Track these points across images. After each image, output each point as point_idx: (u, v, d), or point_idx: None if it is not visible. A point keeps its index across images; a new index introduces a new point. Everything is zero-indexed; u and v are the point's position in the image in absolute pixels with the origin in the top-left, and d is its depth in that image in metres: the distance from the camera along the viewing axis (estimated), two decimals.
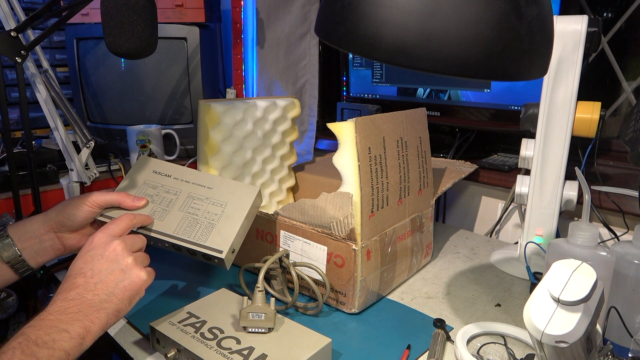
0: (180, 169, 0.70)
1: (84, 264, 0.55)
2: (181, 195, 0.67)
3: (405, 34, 0.38)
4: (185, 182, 0.68)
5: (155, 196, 0.67)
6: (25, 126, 0.92)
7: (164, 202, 0.67)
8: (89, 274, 0.54)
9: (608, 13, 1.09)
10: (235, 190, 0.66)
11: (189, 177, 0.69)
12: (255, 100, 0.93)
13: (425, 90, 1.23)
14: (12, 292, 1.03)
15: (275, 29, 1.34)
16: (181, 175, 0.69)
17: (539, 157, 0.82)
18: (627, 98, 1.10)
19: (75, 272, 0.55)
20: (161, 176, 0.69)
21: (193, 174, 0.69)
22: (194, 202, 0.65)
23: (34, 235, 0.64)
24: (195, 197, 0.66)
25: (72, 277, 0.54)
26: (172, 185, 0.68)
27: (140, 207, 0.66)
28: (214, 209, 0.64)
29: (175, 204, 0.66)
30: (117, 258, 0.56)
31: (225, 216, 0.64)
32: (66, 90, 1.38)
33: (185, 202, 0.66)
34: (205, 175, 0.69)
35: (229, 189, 0.67)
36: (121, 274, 0.55)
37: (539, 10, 0.40)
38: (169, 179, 0.69)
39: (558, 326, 0.42)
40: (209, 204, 0.65)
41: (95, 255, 0.56)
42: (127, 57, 0.70)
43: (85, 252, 0.57)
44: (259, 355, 0.55)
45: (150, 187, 0.68)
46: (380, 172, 0.71)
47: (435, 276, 0.85)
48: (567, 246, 0.60)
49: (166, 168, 0.70)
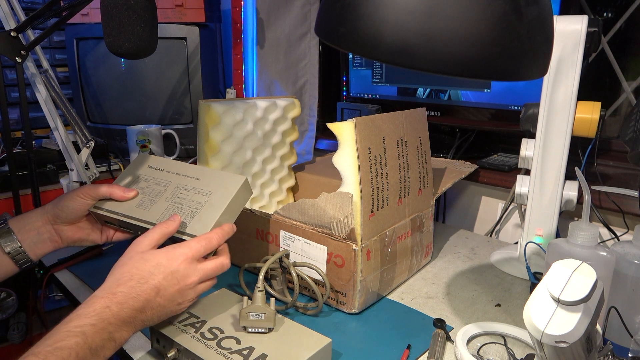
0: (174, 164, 0.70)
1: (163, 280, 0.54)
2: (170, 186, 0.67)
3: (405, 34, 0.38)
4: (175, 175, 0.68)
5: (145, 188, 0.68)
6: (25, 126, 0.92)
7: (152, 194, 0.67)
8: (160, 294, 0.54)
9: (608, 13, 1.09)
10: (222, 180, 0.66)
11: (180, 170, 0.69)
12: (255, 100, 0.93)
13: (425, 90, 1.23)
14: (12, 292, 1.03)
15: (275, 29, 1.34)
16: (173, 169, 0.69)
17: (539, 157, 0.82)
18: (627, 98, 1.10)
19: (153, 285, 0.53)
20: (155, 170, 0.70)
21: (185, 167, 0.69)
22: (180, 192, 0.66)
23: (33, 228, 0.65)
24: (182, 187, 0.66)
25: (144, 284, 0.53)
26: (162, 178, 0.68)
27: (129, 198, 0.66)
28: (199, 198, 0.64)
29: (163, 194, 0.66)
30: (186, 294, 0.56)
31: (208, 204, 0.63)
32: (66, 90, 1.38)
33: (172, 192, 0.66)
34: (197, 167, 0.69)
35: (217, 179, 0.66)
36: (177, 307, 0.57)
37: (539, 11, 0.40)
38: (162, 172, 0.69)
39: (558, 326, 0.42)
40: (194, 194, 0.65)
41: (175, 280, 0.55)
42: (127, 57, 0.70)
43: (168, 267, 0.55)
44: (259, 355, 0.55)
45: (144, 180, 0.69)
46: (380, 172, 0.71)
47: (435, 276, 0.85)
48: (567, 246, 0.60)
49: (161, 163, 0.71)
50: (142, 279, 0.53)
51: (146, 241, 0.57)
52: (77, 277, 0.83)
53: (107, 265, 0.86)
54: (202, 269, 0.58)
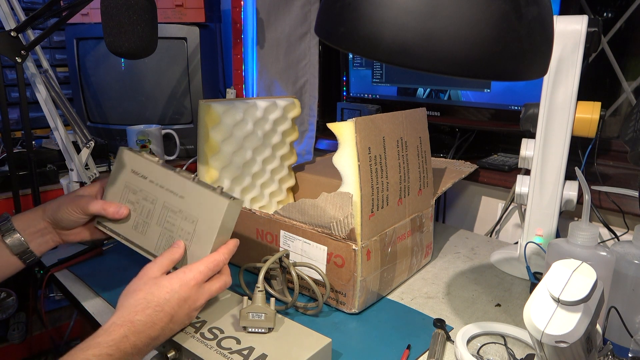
0: (154, 170, 0.67)
1: (177, 307, 0.56)
2: (157, 204, 0.66)
3: (405, 34, 0.38)
4: (159, 188, 0.66)
5: (136, 203, 0.67)
6: (25, 126, 0.92)
7: (143, 213, 0.66)
8: (173, 320, 0.56)
9: (608, 13, 1.09)
10: (206, 202, 0.63)
11: (162, 181, 0.66)
12: (255, 100, 0.93)
13: (425, 90, 1.23)
14: (12, 292, 1.03)
15: (275, 29, 1.34)
16: (156, 178, 0.67)
17: (539, 157, 0.82)
18: (627, 98, 1.10)
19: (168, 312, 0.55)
20: (139, 178, 0.68)
21: (166, 177, 0.66)
22: (169, 215, 0.64)
23: (37, 229, 0.67)
24: (169, 208, 0.65)
25: (160, 312, 0.54)
26: (149, 191, 0.67)
27: (123, 217, 0.67)
28: (187, 226, 0.63)
29: (153, 216, 0.66)
30: (192, 315, 0.58)
31: (197, 237, 0.63)
32: (66, 90, 1.38)
33: (161, 213, 0.65)
34: (177, 179, 0.65)
35: (200, 199, 0.63)
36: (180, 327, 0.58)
37: (539, 11, 0.40)
38: (146, 181, 0.67)
39: (558, 326, 0.42)
40: (182, 220, 0.63)
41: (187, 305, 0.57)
42: (127, 57, 0.70)
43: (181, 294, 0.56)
44: (259, 355, 0.55)
45: (131, 192, 0.68)
46: (380, 172, 0.71)
47: (435, 276, 0.85)
48: (567, 246, 0.60)
49: (142, 167, 0.68)
50: (159, 306, 0.54)
51: (156, 267, 0.58)
52: (77, 277, 0.83)
53: (107, 265, 0.87)
54: (209, 291, 0.60)
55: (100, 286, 0.80)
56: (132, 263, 0.87)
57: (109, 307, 0.74)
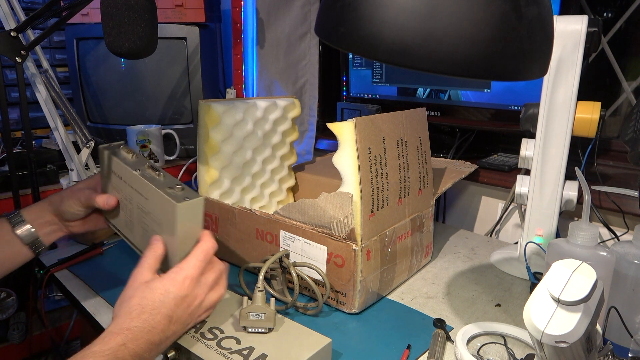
0: (125, 171, 0.65)
1: (175, 307, 0.54)
2: (134, 204, 0.65)
3: (405, 34, 0.38)
4: (130, 188, 0.65)
5: (123, 200, 0.67)
6: (25, 126, 0.92)
7: (127, 211, 0.67)
8: (173, 321, 0.54)
9: (608, 13, 1.09)
10: (162, 205, 0.60)
11: (131, 183, 0.65)
12: (255, 100, 0.93)
13: (425, 90, 1.23)
14: (12, 292, 1.03)
15: (275, 29, 1.34)
16: (128, 179, 0.65)
17: (539, 157, 0.82)
18: (627, 98, 1.10)
19: (165, 314, 0.53)
20: (117, 177, 0.67)
21: (133, 179, 0.64)
22: (142, 216, 0.64)
23: (45, 220, 0.69)
24: (142, 209, 0.63)
25: (157, 314, 0.53)
26: (126, 191, 0.66)
27: (112, 207, 0.67)
28: (156, 228, 0.61)
29: (133, 214, 0.65)
30: (196, 313, 0.57)
31: (165, 239, 0.60)
32: (66, 90, 1.38)
33: (138, 214, 0.64)
34: (140, 181, 0.63)
35: (157, 202, 0.60)
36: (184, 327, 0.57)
37: (539, 11, 0.40)
38: (122, 182, 0.66)
39: (558, 326, 0.42)
40: (152, 221, 0.62)
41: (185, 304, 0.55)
42: (127, 57, 0.70)
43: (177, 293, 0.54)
44: (259, 355, 0.55)
45: (117, 190, 0.68)
46: (380, 172, 0.71)
47: (435, 276, 0.85)
48: (567, 246, 0.60)
49: (117, 168, 0.67)
50: (154, 309, 0.52)
51: (144, 269, 0.57)
52: (77, 277, 0.83)
53: (107, 265, 0.87)
54: (205, 284, 0.58)
55: (100, 286, 0.80)
56: (132, 263, 0.86)
57: (109, 307, 0.74)
